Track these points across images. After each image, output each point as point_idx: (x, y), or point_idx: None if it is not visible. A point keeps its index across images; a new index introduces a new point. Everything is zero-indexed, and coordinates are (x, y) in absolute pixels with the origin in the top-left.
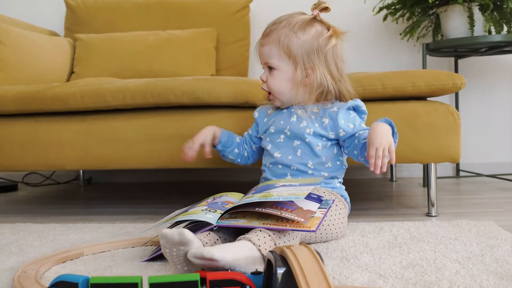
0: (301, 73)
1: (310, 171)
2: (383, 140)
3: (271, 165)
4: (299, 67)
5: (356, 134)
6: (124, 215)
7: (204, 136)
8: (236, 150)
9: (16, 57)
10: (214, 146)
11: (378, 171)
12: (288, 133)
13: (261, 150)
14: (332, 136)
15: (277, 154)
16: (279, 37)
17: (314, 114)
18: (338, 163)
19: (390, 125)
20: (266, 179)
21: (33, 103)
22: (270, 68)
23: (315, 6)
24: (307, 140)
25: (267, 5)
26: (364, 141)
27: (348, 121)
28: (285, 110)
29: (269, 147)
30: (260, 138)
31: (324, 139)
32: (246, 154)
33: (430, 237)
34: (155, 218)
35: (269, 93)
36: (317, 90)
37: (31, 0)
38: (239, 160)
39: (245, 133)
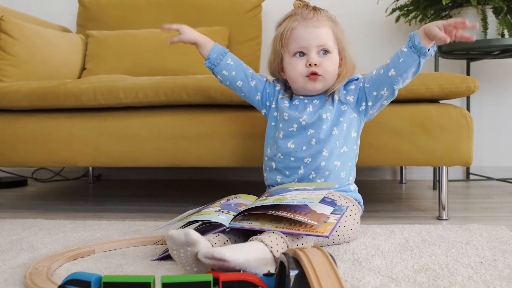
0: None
1: (323, 163)
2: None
3: (282, 156)
4: (339, 55)
5: (372, 74)
6: (134, 213)
7: (189, 34)
8: (225, 72)
9: (29, 53)
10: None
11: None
12: (304, 122)
13: (245, 88)
14: (354, 115)
15: (290, 145)
16: (331, 23)
17: (331, 103)
18: (355, 147)
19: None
20: (277, 170)
21: (45, 99)
22: (325, 52)
23: None
24: (323, 127)
25: (279, 4)
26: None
27: (349, 87)
28: (297, 102)
29: (280, 135)
30: (256, 90)
31: (341, 119)
32: (240, 84)
33: (442, 241)
34: (165, 217)
35: (314, 74)
36: (345, 77)
37: None
38: (227, 83)
39: (260, 78)
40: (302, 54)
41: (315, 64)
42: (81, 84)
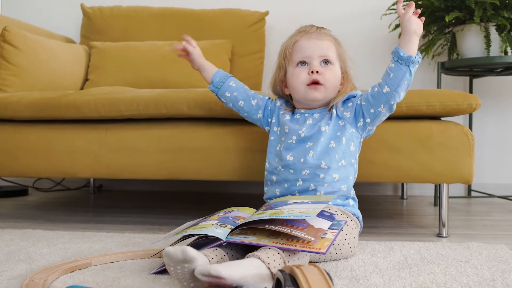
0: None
1: (322, 175)
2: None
3: (282, 169)
4: (341, 72)
5: (368, 92)
6: (134, 225)
7: (197, 57)
8: (227, 94)
9: (32, 63)
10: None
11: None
12: (302, 134)
13: (247, 107)
14: (353, 130)
15: (289, 157)
16: (333, 40)
17: (330, 118)
18: (353, 161)
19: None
20: (277, 183)
21: (47, 110)
22: (326, 62)
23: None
24: (321, 139)
25: (282, 18)
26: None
27: (347, 104)
28: (298, 116)
29: (281, 147)
30: (257, 109)
31: (338, 133)
32: (242, 104)
33: (441, 259)
34: (164, 229)
35: (315, 83)
36: (345, 92)
37: (49, 7)
38: (230, 105)
39: (262, 97)
40: (304, 63)
41: (317, 72)
42: (82, 96)
